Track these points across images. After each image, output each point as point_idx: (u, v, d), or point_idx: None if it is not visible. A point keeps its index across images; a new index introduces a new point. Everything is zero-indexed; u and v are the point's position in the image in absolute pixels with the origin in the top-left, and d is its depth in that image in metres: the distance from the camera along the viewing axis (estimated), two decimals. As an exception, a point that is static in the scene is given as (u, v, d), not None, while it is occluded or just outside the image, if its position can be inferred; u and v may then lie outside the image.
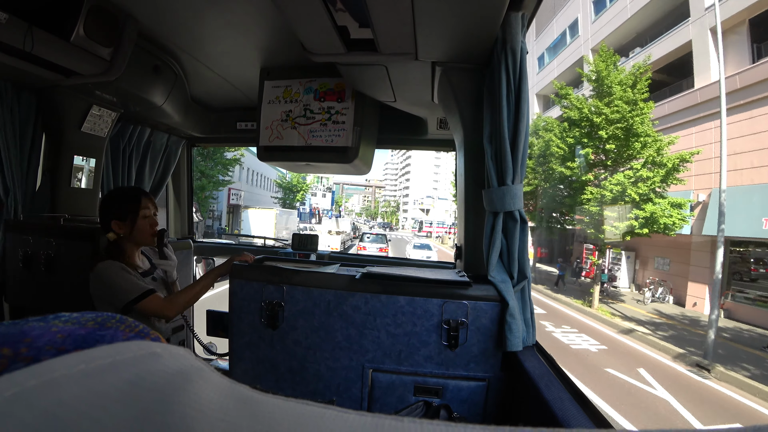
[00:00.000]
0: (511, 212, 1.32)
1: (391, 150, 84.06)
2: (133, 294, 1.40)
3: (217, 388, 0.22)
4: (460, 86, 1.53)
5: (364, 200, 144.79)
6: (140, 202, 1.54)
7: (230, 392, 0.22)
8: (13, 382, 0.18)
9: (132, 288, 1.41)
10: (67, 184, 2.20)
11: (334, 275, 1.50)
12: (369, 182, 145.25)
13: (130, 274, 1.45)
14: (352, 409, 0.22)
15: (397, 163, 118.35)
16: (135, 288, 1.42)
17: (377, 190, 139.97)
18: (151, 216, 1.58)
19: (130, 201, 1.53)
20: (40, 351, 0.22)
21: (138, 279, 1.47)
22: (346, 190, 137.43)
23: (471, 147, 1.56)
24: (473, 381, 1.39)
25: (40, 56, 1.58)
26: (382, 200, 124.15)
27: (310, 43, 1.48)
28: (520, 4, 1.19)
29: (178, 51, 2.04)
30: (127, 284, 1.41)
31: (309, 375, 1.49)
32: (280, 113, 2.11)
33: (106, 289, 1.42)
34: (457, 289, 1.39)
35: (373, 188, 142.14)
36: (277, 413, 0.21)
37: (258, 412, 0.20)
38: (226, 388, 0.22)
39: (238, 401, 0.21)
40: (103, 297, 1.43)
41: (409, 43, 1.38)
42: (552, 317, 10.94)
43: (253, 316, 1.52)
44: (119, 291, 1.40)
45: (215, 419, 0.19)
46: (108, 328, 0.27)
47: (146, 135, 2.68)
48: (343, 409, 0.22)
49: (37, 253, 1.85)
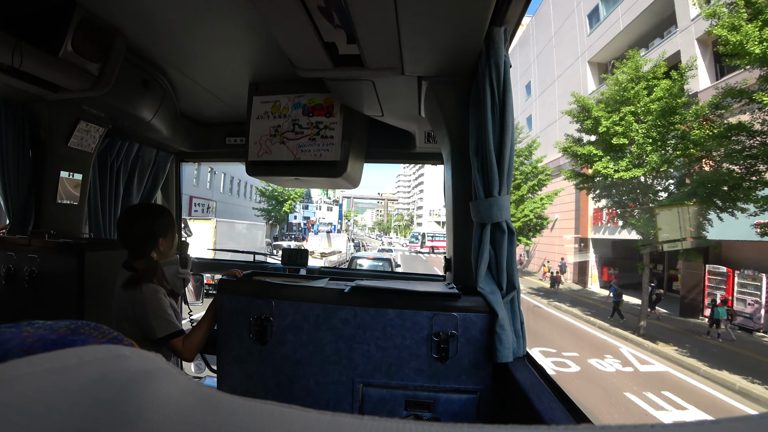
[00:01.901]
0: (499, 223, 1.32)
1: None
2: (170, 330, 1.46)
3: (181, 387, 0.22)
4: (446, 100, 1.56)
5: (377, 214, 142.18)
6: (172, 216, 1.61)
7: (193, 391, 0.22)
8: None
9: (170, 323, 1.47)
10: (53, 200, 2.17)
11: (322, 289, 1.49)
12: (381, 195, 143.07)
13: (168, 305, 1.51)
14: None
15: (410, 174, 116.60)
16: (171, 324, 1.47)
17: (390, 204, 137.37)
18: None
19: (169, 216, 1.59)
20: (8, 353, 0.22)
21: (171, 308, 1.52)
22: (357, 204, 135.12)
23: (458, 159, 1.57)
24: (464, 393, 1.38)
25: (27, 71, 1.57)
26: (395, 213, 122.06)
27: (299, 59, 1.50)
28: (503, 20, 1.22)
29: (167, 66, 2.05)
30: (166, 316, 1.47)
31: (298, 390, 1.47)
32: (268, 128, 2.12)
33: (145, 313, 1.44)
34: (446, 301, 1.38)
35: (386, 201, 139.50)
36: (239, 410, 0.21)
37: (219, 409, 0.20)
38: (190, 388, 0.22)
39: (200, 399, 0.21)
40: (138, 318, 1.45)
41: (396, 59, 1.41)
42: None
43: (241, 331, 1.50)
44: (159, 322, 1.45)
45: (172, 413, 0.19)
46: (81, 334, 0.26)
47: (135, 150, 2.67)
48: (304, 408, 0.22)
49: (21, 269, 1.81)
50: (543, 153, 19.94)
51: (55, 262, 1.77)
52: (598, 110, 11.49)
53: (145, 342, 1.46)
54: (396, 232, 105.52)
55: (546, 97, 23.99)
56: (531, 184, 19.57)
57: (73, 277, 1.71)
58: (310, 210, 52.74)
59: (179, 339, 1.48)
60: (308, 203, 52.36)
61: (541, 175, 19.59)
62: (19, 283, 1.82)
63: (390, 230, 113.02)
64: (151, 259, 1.53)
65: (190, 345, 1.51)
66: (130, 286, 1.46)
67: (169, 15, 1.58)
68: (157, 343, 1.44)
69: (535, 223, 19.53)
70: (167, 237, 1.56)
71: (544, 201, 19.20)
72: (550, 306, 15.09)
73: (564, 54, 21.60)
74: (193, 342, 1.52)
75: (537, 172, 19.73)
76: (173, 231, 1.59)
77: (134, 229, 1.53)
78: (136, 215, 1.57)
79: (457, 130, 1.55)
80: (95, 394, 0.19)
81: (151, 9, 1.55)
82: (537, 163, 19.90)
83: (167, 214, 1.59)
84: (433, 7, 1.11)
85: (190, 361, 1.61)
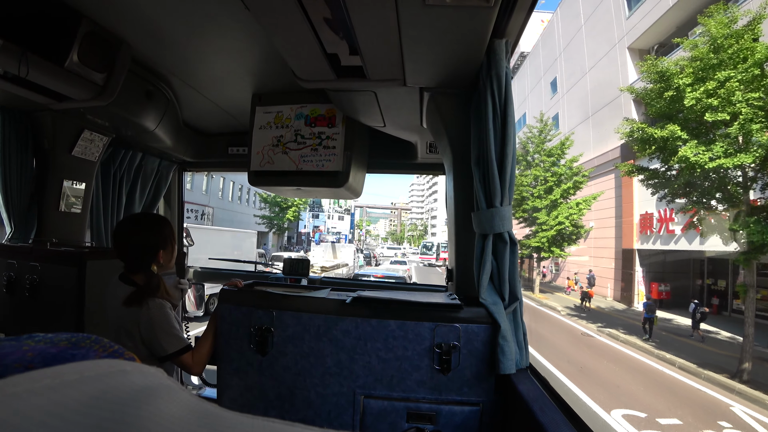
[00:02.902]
0: (501, 234, 1.32)
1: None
2: (179, 345, 1.43)
3: (182, 404, 0.21)
4: (447, 111, 1.57)
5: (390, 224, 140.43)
6: (172, 227, 1.58)
7: (194, 408, 0.21)
8: None
9: (178, 339, 1.44)
10: (55, 208, 2.18)
11: (324, 300, 1.48)
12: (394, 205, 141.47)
13: (175, 319, 1.48)
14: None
15: (423, 183, 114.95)
16: (179, 339, 1.44)
17: (403, 213, 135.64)
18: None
19: (167, 228, 1.55)
20: (8, 368, 0.22)
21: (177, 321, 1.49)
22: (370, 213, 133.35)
23: (459, 170, 1.58)
24: (467, 406, 1.36)
25: (33, 81, 1.59)
26: (409, 223, 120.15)
27: (301, 71, 1.51)
28: (504, 32, 1.23)
29: (171, 76, 2.07)
30: (174, 332, 1.44)
31: (299, 402, 1.45)
32: (271, 138, 2.13)
33: (153, 329, 1.39)
34: (448, 312, 1.37)
35: (399, 211, 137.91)
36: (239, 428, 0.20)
37: (220, 427, 0.20)
38: (191, 404, 0.22)
39: (201, 417, 0.21)
40: (144, 334, 1.40)
41: (398, 70, 1.42)
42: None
43: (241, 342, 1.49)
44: (167, 337, 1.41)
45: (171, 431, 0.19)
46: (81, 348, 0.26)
47: (137, 159, 2.68)
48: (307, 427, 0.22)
49: (22, 277, 1.81)
50: (577, 152, 17.91)
51: (56, 270, 1.77)
52: (683, 76, 8.55)
53: (151, 359, 1.41)
54: (410, 242, 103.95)
55: (576, 92, 21.61)
56: (565, 186, 17.21)
57: (74, 285, 1.71)
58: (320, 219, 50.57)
59: (188, 354, 1.46)
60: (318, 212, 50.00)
61: (577, 176, 17.22)
62: (20, 291, 1.81)
63: (403, 240, 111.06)
64: (152, 272, 1.47)
65: (199, 359, 1.49)
66: (135, 303, 1.39)
67: (173, 27, 1.61)
68: (163, 359, 1.41)
69: (570, 231, 17.15)
70: (167, 249, 1.52)
71: (582, 206, 16.71)
72: (602, 334, 12.00)
73: (597, 42, 19.17)
74: (201, 355, 1.50)
75: (571, 173, 17.48)
76: (173, 242, 1.55)
77: (132, 241, 1.46)
78: (134, 227, 1.50)
79: (459, 141, 1.56)
80: (96, 412, 0.18)
81: (155, 21, 1.57)
82: (572, 163, 17.66)
83: (167, 226, 1.55)
84: (435, 20, 1.13)
85: (200, 375, 1.59)
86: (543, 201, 17.53)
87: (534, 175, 18.08)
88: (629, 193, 16.15)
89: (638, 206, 15.66)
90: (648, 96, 9.60)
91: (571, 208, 16.81)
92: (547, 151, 18.17)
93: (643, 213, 15.33)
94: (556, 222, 16.84)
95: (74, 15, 1.53)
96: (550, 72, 25.40)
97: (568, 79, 22.82)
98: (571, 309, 15.44)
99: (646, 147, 9.72)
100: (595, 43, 19.34)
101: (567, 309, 15.41)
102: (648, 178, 10.43)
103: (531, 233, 18.54)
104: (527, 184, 18.35)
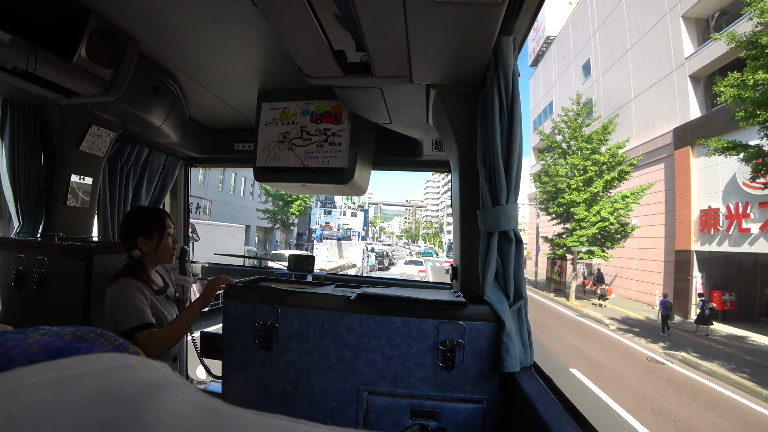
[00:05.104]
0: (506, 232, 1.32)
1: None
2: (133, 323, 1.41)
3: (187, 399, 0.22)
4: (454, 108, 1.56)
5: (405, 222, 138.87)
6: (165, 220, 1.62)
7: (199, 404, 0.22)
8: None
9: (135, 316, 1.43)
10: (63, 203, 2.20)
11: (328, 296, 1.49)
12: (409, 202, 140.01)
13: (144, 298, 1.48)
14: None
15: (439, 179, 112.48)
16: (137, 317, 1.43)
17: (418, 210, 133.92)
18: (173, 234, 1.66)
19: (156, 218, 1.60)
20: (13, 360, 0.22)
21: (147, 304, 1.49)
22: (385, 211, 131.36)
23: (465, 168, 1.57)
24: (470, 403, 1.36)
25: (41, 76, 1.60)
26: (424, 221, 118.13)
27: (307, 67, 1.51)
28: (511, 29, 1.23)
29: (178, 72, 2.08)
30: (133, 309, 1.43)
31: (302, 398, 1.46)
32: (277, 134, 2.13)
33: (116, 306, 1.44)
34: (452, 309, 1.37)
35: (414, 208, 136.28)
36: (244, 425, 0.21)
37: (225, 424, 0.20)
38: (196, 400, 0.22)
39: (206, 413, 0.21)
40: (112, 312, 1.45)
41: (404, 67, 1.42)
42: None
43: (246, 338, 1.50)
44: (124, 314, 1.42)
45: (177, 428, 0.19)
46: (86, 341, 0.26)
47: (144, 154, 2.70)
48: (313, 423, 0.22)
49: (30, 271, 1.83)
50: (621, 137, 15.43)
51: (63, 264, 1.79)
52: None
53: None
54: (425, 239, 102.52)
55: (615, 73, 19.13)
56: (609, 177, 14.73)
57: (81, 279, 1.72)
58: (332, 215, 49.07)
59: (144, 333, 1.41)
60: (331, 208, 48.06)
61: (623, 165, 14.71)
62: (28, 285, 1.83)
63: (418, 238, 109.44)
64: (131, 256, 1.57)
65: (155, 340, 1.42)
66: (110, 282, 1.49)
67: (180, 23, 1.61)
68: (125, 335, 1.38)
69: (615, 229, 14.75)
70: (151, 238, 1.57)
71: (630, 200, 14.26)
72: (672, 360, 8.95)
73: (642, 15, 16.64)
74: (159, 337, 1.44)
75: (615, 162, 14.85)
76: (160, 233, 1.59)
77: (120, 228, 1.60)
78: (127, 215, 1.63)
79: (465, 139, 1.55)
80: (102, 408, 0.18)
81: (163, 17, 1.58)
82: (616, 149, 14.94)
83: (156, 217, 1.60)
84: (443, 17, 1.12)
85: (155, 359, 1.58)
86: (582, 194, 15.18)
87: (572, 164, 15.56)
88: (685, 184, 13.55)
89: (697, 200, 13.21)
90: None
91: (615, 202, 14.57)
92: (585, 136, 15.73)
93: (704, 208, 12.81)
94: (598, 218, 14.64)
95: (83, 11, 1.53)
96: (582, 55, 22.91)
97: (604, 60, 20.32)
98: (619, 321, 13.08)
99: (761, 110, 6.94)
100: (640, 15, 16.88)
101: (614, 321, 12.88)
102: (750, 158, 7.87)
103: (565, 231, 16.54)
104: (563, 174, 15.99)
